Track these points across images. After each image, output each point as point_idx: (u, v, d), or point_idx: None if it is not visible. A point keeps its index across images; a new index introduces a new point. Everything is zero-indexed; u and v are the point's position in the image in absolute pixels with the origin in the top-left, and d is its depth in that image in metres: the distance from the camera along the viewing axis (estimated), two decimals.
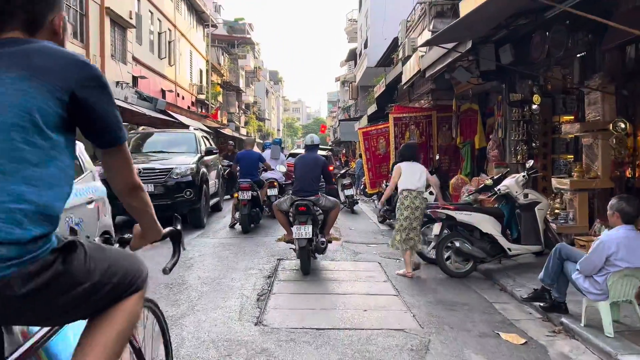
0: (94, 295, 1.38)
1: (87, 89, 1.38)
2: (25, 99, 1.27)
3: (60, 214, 1.35)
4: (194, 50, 31.27)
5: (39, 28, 1.43)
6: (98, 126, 1.44)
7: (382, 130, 14.43)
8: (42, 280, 1.23)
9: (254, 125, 55.82)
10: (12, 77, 1.27)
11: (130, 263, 1.55)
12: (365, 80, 28.74)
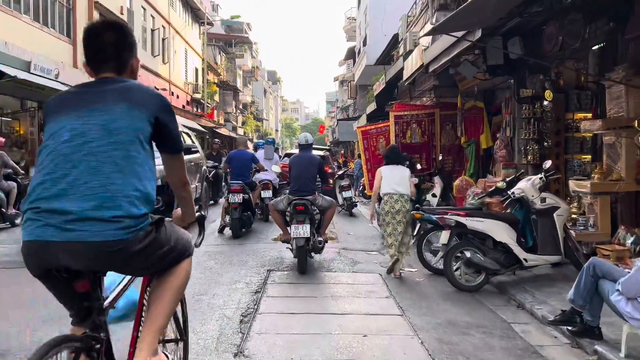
0: (168, 255, 1.99)
1: (164, 114, 1.98)
2: (133, 122, 1.87)
3: (154, 199, 1.91)
4: (189, 48, 30.61)
5: (124, 70, 2.05)
6: (169, 139, 2.03)
7: (382, 129, 13.78)
8: (145, 242, 1.84)
9: (252, 125, 55.17)
10: (122, 108, 1.87)
11: (186, 236, 2.15)
12: (364, 79, 28.10)
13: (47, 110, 1.96)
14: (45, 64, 11.80)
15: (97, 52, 2.00)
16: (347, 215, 12.27)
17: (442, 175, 11.17)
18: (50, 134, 1.86)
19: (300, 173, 6.38)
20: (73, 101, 1.92)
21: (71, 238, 1.72)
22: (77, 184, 1.76)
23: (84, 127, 1.83)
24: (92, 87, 1.96)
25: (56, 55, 13.81)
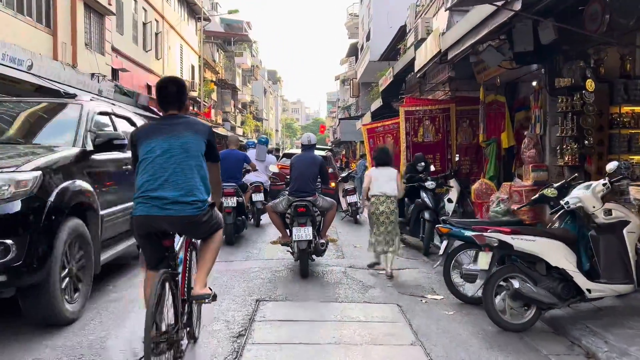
0: (213, 226, 3.23)
1: (211, 137, 3.27)
2: (197, 144, 3.13)
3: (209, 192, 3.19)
4: (185, 44, 29.40)
5: (182, 109, 3.29)
6: (213, 153, 3.33)
7: (389, 127, 12.55)
8: (206, 217, 3.09)
9: (251, 125, 53.95)
10: (190, 134, 3.11)
11: (220, 215, 3.41)
12: (368, 76, 26.88)
13: (138, 136, 3.20)
14: (16, 54, 10.57)
15: (165, 98, 3.28)
16: (351, 222, 11.03)
17: (458, 177, 9.95)
18: (146, 151, 3.10)
19: (301, 173, 6.21)
20: (158, 130, 3.17)
21: (168, 214, 2.99)
22: (170, 181, 3.02)
23: (169, 146, 3.08)
24: (167, 121, 3.24)
25: (34, 46, 12.59)
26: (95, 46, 16.66)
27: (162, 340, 2.79)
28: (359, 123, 25.16)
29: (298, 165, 6.30)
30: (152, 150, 3.05)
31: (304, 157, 6.43)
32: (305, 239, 5.69)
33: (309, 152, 6.53)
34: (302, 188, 6.11)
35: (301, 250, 5.72)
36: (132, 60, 20.12)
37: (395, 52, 19.68)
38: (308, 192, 6.11)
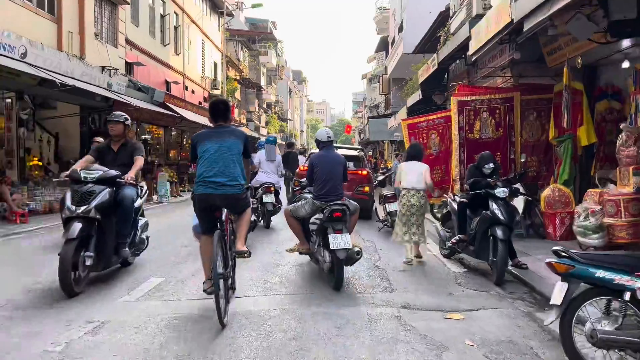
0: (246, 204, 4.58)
1: (246, 141, 4.54)
2: (238, 146, 4.42)
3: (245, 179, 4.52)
4: (207, 40, 28.09)
5: (228, 120, 4.62)
6: (247, 153, 4.54)
7: (434, 122, 10.80)
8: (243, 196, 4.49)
9: (276, 126, 52.58)
10: (233, 139, 4.43)
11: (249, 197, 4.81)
12: (399, 71, 25.09)
13: (199, 138, 4.49)
14: (6, 40, 9.23)
15: (217, 113, 4.57)
16: (390, 234, 9.31)
17: (524, 182, 8.15)
18: (203, 150, 4.37)
19: (328, 175, 5.68)
20: (211, 135, 4.45)
21: (220, 192, 4.27)
22: (221, 170, 4.29)
23: (219, 147, 4.35)
24: (217, 129, 4.52)
25: (34, 34, 11.30)
26: (106, 37, 15.35)
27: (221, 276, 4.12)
28: (391, 121, 23.39)
29: (323, 165, 5.71)
30: (207, 150, 4.38)
31: (328, 156, 5.83)
32: (344, 248, 5.19)
33: (331, 150, 5.96)
34: (332, 191, 5.62)
35: (340, 261, 5.19)
36: (148, 54, 18.81)
37: (433, 41, 17.86)
38: (338, 196, 5.64)
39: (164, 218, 11.42)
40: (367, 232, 9.59)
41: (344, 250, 5.18)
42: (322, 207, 5.51)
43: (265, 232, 9.31)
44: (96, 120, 15.95)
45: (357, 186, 11.26)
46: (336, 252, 5.17)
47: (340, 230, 5.30)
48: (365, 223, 10.88)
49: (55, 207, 12.34)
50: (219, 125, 4.52)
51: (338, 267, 5.23)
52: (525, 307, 4.95)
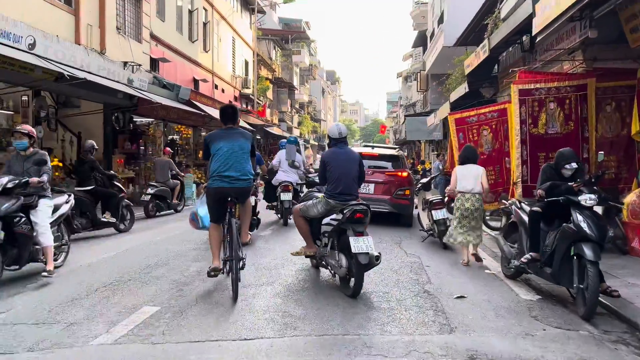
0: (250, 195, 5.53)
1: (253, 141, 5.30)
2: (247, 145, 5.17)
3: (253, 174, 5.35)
4: (238, 37, 27.30)
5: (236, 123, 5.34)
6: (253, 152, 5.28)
7: (486, 116, 9.46)
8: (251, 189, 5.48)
9: (308, 126, 51.63)
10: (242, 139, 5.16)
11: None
12: (439, 66, 23.60)
13: (212, 138, 5.14)
14: (11, 29, 8.44)
15: (227, 117, 5.25)
16: (436, 245, 8.03)
17: (601, 185, 6.74)
18: (217, 148, 5.02)
19: (343, 173, 5.36)
20: (223, 136, 5.08)
21: (233, 185, 4.93)
22: (233, 166, 4.94)
23: (231, 146, 5.01)
24: (227, 131, 5.18)
25: (49, 27, 10.59)
26: (129, 32, 14.61)
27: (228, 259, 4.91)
28: (430, 119, 21.97)
29: (337, 163, 5.40)
30: (221, 148, 5.06)
31: (341, 153, 5.51)
32: (367, 252, 4.81)
33: (345, 147, 5.62)
34: (348, 190, 5.31)
35: (361, 266, 4.83)
36: (175, 51, 18.04)
37: (477, 31, 16.40)
38: (354, 195, 5.35)
39: (184, 223, 10.47)
40: (409, 242, 8.35)
41: (366, 255, 4.79)
42: (338, 208, 5.19)
43: (284, 232, 9.25)
44: (120, 120, 15.23)
45: (397, 189, 10.02)
46: (358, 256, 4.78)
47: (362, 232, 4.96)
48: (405, 231, 9.62)
49: None
50: (229, 127, 5.26)
51: (358, 273, 4.84)
52: (631, 356, 3.65)
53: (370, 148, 11.39)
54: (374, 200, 9.95)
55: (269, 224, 10.02)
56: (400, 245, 7.96)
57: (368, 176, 10.08)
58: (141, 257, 6.65)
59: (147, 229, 9.61)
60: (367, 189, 10.09)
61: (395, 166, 10.52)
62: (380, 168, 10.39)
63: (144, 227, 9.87)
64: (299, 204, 5.99)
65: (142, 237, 8.50)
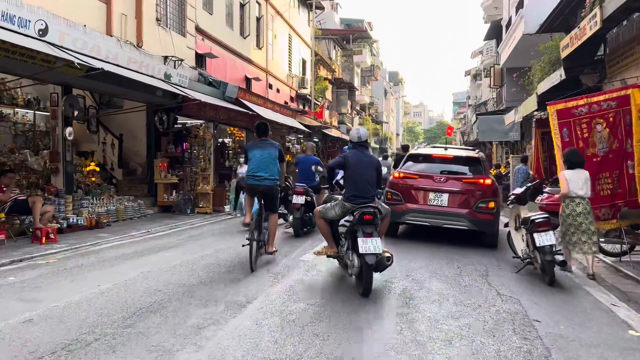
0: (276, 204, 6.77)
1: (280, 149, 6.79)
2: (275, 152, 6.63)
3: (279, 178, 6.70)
4: (295, 35, 25.88)
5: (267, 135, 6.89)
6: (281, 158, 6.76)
7: (600, 105, 7.21)
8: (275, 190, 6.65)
9: (370, 128, 49.51)
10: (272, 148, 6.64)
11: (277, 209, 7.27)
12: (516, 58, 20.96)
13: (249, 146, 6.81)
14: (15, 12, 7.23)
15: (260, 131, 6.85)
16: (540, 280, 5.87)
17: None
18: (252, 155, 6.58)
19: (360, 176, 5.50)
20: (257, 145, 6.67)
21: (262, 183, 6.41)
22: (263, 169, 6.42)
23: (262, 153, 6.53)
24: (261, 142, 6.71)
25: (76, 16, 9.46)
26: (172, 23, 13.40)
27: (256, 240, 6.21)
28: (509, 116, 19.35)
29: (354, 166, 5.54)
30: (254, 154, 6.55)
31: (359, 156, 5.60)
32: (374, 252, 4.96)
33: (364, 151, 5.71)
34: (363, 193, 5.45)
35: (368, 266, 4.96)
36: (224, 46, 16.77)
37: (566, 14, 13.83)
38: (369, 198, 5.44)
39: (212, 240, 8.90)
40: (500, 274, 6.27)
41: (373, 255, 4.97)
42: (352, 209, 5.37)
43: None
44: (164, 120, 14.05)
45: (478, 201, 7.94)
46: (365, 256, 4.97)
47: (370, 234, 5.11)
48: (490, 254, 7.52)
49: (101, 221, 10.41)
50: (262, 139, 6.79)
51: (367, 273, 5.02)
52: None
53: (441, 149, 9.35)
54: (448, 214, 7.94)
55: None
56: (488, 280, 5.91)
57: (440, 184, 8.04)
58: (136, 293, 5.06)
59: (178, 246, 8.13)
60: (439, 200, 8.08)
61: (475, 171, 8.43)
62: (456, 174, 8.35)
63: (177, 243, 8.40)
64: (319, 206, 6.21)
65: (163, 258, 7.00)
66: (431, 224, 8.16)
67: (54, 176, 10.63)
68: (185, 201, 13.34)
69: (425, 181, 8.30)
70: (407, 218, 8.28)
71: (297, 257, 7.05)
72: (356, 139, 5.74)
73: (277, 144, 6.76)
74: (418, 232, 9.37)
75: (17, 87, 11.43)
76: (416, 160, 8.88)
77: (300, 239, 8.62)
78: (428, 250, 7.67)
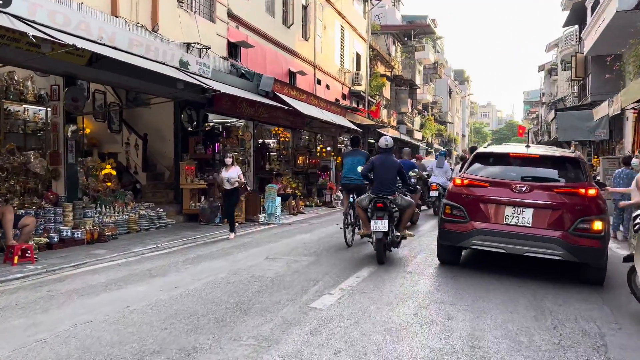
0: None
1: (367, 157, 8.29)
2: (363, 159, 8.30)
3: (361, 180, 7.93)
4: (348, 27, 23.86)
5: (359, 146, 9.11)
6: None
7: None
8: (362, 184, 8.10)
9: (432, 129, 46.51)
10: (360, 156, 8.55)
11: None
12: (606, 43, 17.81)
13: (345, 155, 9.42)
14: None
15: (353, 143, 9.14)
16: None
17: None
18: (346, 161, 8.72)
19: (382, 175, 7.02)
20: (350, 153, 8.84)
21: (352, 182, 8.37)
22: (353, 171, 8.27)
23: (353, 159, 8.50)
24: (353, 151, 8.82)
25: None
26: (199, 7, 11.79)
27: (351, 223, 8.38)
28: (600, 110, 16.28)
29: (378, 167, 7.11)
30: (347, 161, 8.54)
31: (384, 160, 7.15)
32: (382, 230, 6.62)
33: (388, 156, 7.26)
34: (383, 188, 6.94)
35: (378, 240, 6.70)
36: (263, 35, 15.04)
37: None
38: (388, 191, 6.91)
39: (221, 264, 7.04)
40: (621, 340, 3.92)
41: (381, 232, 6.64)
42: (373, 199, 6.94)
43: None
44: (193, 119, 12.48)
45: (577, 220, 5.57)
46: (375, 233, 6.70)
47: (381, 217, 6.69)
48: (597, 298, 5.09)
49: (105, 233, 8.89)
50: (354, 150, 8.81)
51: (377, 245, 6.73)
52: None
53: (523, 147, 6.96)
54: (534, 238, 5.66)
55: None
56: (609, 355, 3.58)
57: (521, 195, 5.72)
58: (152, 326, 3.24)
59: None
60: (520, 218, 5.77)
61: (571, 178, 5.99)
62: (545, 181, 5.98)
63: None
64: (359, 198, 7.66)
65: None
66: (508, 251, 5.85)
67: (54, 181, 9.26)
68: (212, 209, 11.66)
69: (499, 191, 5.99)
70: (474, 242, 6.01)
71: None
72: (384, 146, 7.38)
73: (366, 152, 8.86)
74: (489, 260, 7.04)
75: (27, 81, 10.22)
76: (486, 162, 6.56)
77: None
78: (502, 292, 5.38)
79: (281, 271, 6.18)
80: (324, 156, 19.25)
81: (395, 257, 7.32)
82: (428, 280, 5.86)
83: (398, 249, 7.36)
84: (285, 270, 6.23)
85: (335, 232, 10.04)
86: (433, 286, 5.56)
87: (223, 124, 15.98)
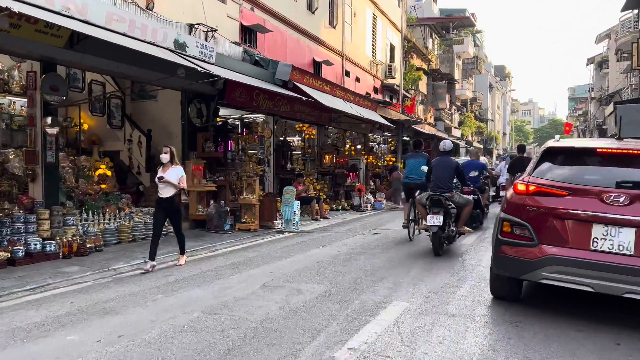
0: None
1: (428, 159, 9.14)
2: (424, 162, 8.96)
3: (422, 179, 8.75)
4: (381, 15, 22.07)
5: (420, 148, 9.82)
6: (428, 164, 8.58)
7: None
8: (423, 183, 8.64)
9: (472, 126, 44.00)
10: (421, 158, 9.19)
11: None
12: None
13: (407, 157, 10.64)
14: None
15: (416, 146, 9.69)
16: None
17: None
18: (408, 162, 9.54)
19: (440, 174, 7.65)
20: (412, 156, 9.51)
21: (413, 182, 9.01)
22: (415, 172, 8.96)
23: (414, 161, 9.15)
24: (414, 153, 9.52)
25: None
26: None
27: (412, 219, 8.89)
28: None
29: (436, 167, 7.78)
30: (409, 162, 9.30)
31: (442, 161, 7.86)
32: (436, 224, 7.22)
33: (446, 157, 7.95)
34: (439, 185, 7.58)
35: (433, 234, 7.33)
36: (282, 20, 13.49)
37: None
38: (444, 190, 7.53)
39: (198, 293, 5.50)
40: None
41: (436, 227, 7.25)
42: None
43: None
44: (203, 111, 11.04)
45: None
46: (430, 227, 7.36)
47: (437, 212, 7.30)
48: None
49: (86, 245, 7.52)
50: (416, 152, 9.42)
51: (433, 238, 7.37)
52: None
53: (612, 141, 5.10)
54: (635, 272, 3.83)
55: None
56: None
57: (617, 208, 3.89)
58: None
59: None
60: (616, 242, 3.97)
61: None
62: None
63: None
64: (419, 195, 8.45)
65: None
66: (597, 290, 4.04)
67: (31, 184, 7.96)
68: (220, 214, 10.19)
69: (583, 201, 4.18)
70: (545, 275, 4.22)
71: None
72: (442, 149, 8.20)
73: (426, 154, 9.42)
74: (561, 292, 5.18)
75: (12, 71, 9.01)
76: (562, 161, 4.72)
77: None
78: (592, 350, 3.60)
79: (274, 310, 4.55)
80: (353, 155, 17.54)
81: (434, 285, 5.57)
82: (479, 330, 4.08)
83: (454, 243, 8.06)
84: (280, 309, 4.60)
85: (358, 246, 8.39)
86: (488, 343, 3.81)
87: (242, 120, 14.57)
